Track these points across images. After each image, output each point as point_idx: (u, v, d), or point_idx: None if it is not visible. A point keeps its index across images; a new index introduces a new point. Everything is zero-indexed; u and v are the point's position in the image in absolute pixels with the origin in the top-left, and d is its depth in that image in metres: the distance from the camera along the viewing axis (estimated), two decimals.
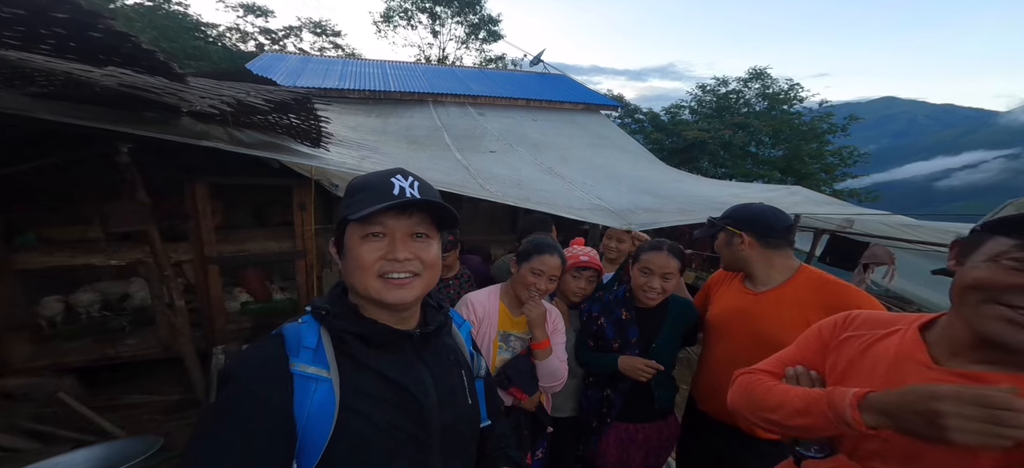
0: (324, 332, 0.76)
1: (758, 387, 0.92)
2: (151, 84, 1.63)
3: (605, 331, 1.66)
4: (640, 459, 1.69)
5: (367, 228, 0.75)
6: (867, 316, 0.90)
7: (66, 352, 3.15)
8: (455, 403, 0.86)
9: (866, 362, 0.83)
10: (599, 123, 7.01)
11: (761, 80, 13.73)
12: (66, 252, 3.27)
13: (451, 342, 0.93)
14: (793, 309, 1.40)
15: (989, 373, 0.67)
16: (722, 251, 1.59)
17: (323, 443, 0.70)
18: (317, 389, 0.71)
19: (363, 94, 6.42)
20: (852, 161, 12.91)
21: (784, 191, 3.92)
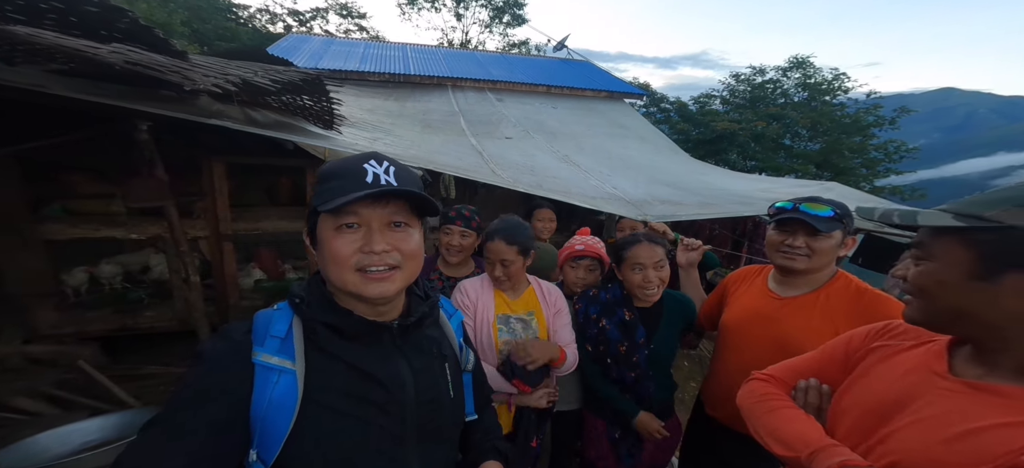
0: (297, 321, 0.73)
1: (765, 401, 0.92)
2: (156, 61, 1.61)
3: (608, 333, 1.57)
4: (647, 455, 1.65)
5: (340, 219, 0.70)
6: (907, 328, 0.84)
7: (89, 321, 3.28)
8: (436, 397, 0.82)
9: (881, 369, 0.81)
10: (621, 112, 6.74)
11: (802, 69, 12.89)
12: (91, 224, 3.39)
13: (435, 334, 0.88)
14: (824, 318, 1.28)
15: (1003, 386, 0.65)
16: (827, 253, 1.31)
17: (282, 436, 0.67)
18: (279, 380, 0.68)
19: (383, 77, 6.40)
20: (898, 156, 12.02)
21: (817, 187, 3.62)
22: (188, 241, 3.30)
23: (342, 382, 0.72)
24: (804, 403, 0.89)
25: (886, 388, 0.76)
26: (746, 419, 0.93)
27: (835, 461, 0.71)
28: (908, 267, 0.76)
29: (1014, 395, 0.62)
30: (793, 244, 1.31)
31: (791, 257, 1.32)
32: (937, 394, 0.69)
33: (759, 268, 1.58)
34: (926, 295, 0.70)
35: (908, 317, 0.75)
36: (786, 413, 0.86)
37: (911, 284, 0.73)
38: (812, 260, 1.30)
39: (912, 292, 0.73)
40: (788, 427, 0.83)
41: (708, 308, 1.66)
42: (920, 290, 0.71)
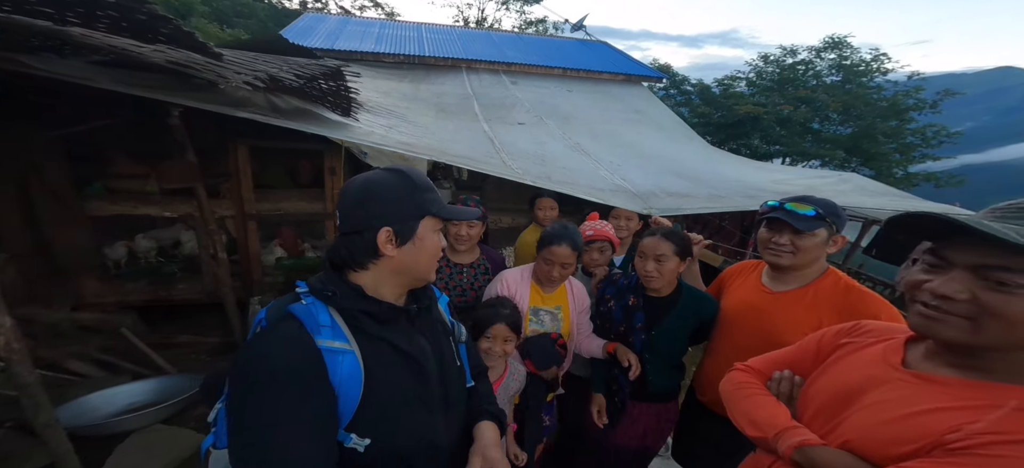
0: (332, 311, 0.82)
1: (742, 388, 1.01)
2: (194, 59, 1.74)
3: (613, 313, 1.70)
4: (637, 436, 1.73)
5: (438, 224, 0.91)
6: (875, 326, 0.92)
7: (128, 292, 3.55)
8: (448, 368, 0.97)
9: (845, 363, 0.88)
10: (638, 96, 6.59)
11: (838, 50, 12.15)
12: (129, 202, 3.64)
13: (438, 314, 1.03)
14: (809, 312, 1.35)
15: (948, 377, 0.72)
16: (812, 251, 1.35)
17: (354, 407, 0.80)
18: (343, 360, 0.79)
19: (398, 58, 6.42)
20: (937, 141, 11.33)
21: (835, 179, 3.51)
22: (215, 220, 3.51)
23: (387, 358, 0.85)
24: (777, 391, 0.97)
25: (847, 379, 0.84)
26: (726, 405, 1.02)
27: (796, 440, 0.81)
28: (958, 284, 0.67)
29: (953, 385, 0.70)
30: (779, 242, 1.37)
31: (777, 254, 1.38)
32: (889, 384, 0.77)
33: (756, 263, 1.63)
34: (1007, 323, 0.64)
35: (949, 337, 0.70)
36: (759, 399, 0.96)
37: (984, 308, 0.65)
38: (796, 257, 1.35)
39: (978, 316, 0.66)
40: (760, 412, 0.93)
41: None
42: (1000, 317, 0.64)
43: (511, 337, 1.44)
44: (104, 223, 3.54)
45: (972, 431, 0.64)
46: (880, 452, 0.72)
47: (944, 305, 0.69)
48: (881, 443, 0.72)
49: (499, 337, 1.42)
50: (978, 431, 0.64)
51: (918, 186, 11.35)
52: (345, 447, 0.80)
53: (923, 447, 0.68)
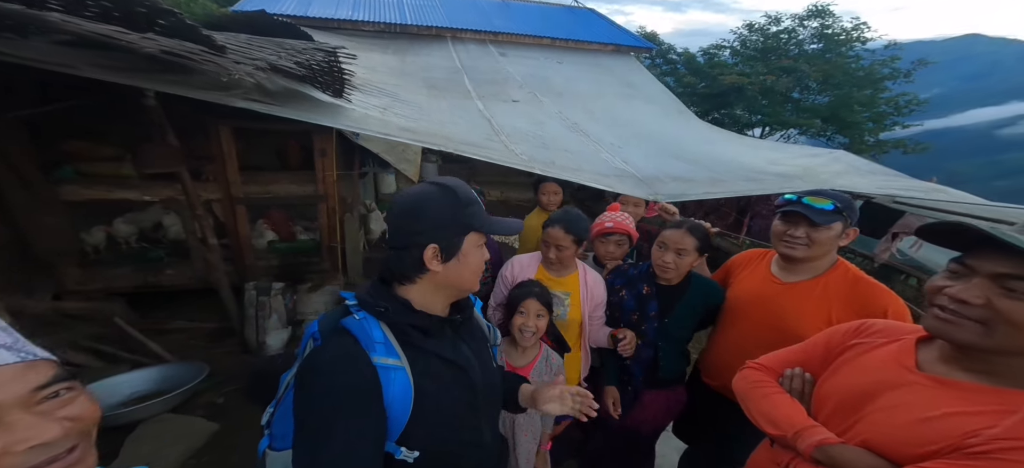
0: (383, 326, 0.85)
1: (759, 387, 1.04)
2: (190, 49, 1.61)
3: (625, 302, 1.73)
4: (647, 421, 1.79)
5: (482, 239, 0.93)
6: (883, 326, 0.96)
7: (113, 278, 3.42)
8: (489, 370, 1.01)
9: (857, 363, 0.92)
10: (628, 67, 6.52)
11: (821, 18, 12.19)
12: (103, 186, 3.45)
13: (477, 321, 1.07)
14: (820, 303, 1.38)
15: (963, 381, 0.75)
16: (826, 244, 1.38)
17: (404, 421, 0.83)
18: (395, 378, 0.82)
19: (378, 27, 6.09)
20: (908, 109, 11.74)
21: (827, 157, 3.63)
22: (202, 203, 3.37)
23: (435, 370, 0.87)
24: (789, 388, 1.01)
25: (862, 379, 0.88)
26: (741, 402, 1.06)
27: (816, 438, 0.85)
28: (977, 290, 0.72)
29: (970, 389, 0.74)
30: (795, 234, 1.39)
31: (792, 246, 1.40)
32: (906, 387, 0.81)
33: (763, 252, 1.67)
34: (1016, 329, 0.69)
35: (963, 340, 0.74)
36: (776, 398, 0.99)
37: (997, 314, 0.70)
38: (811, 249, 1.38)
39: (990, 321, 0.70)
40: (778, 411, 0.96)
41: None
42: (1009, 323, 0.69)
43: (543, 312, 1.49)
44: (80, 208, 3.36)
45: (990, 436, 0.68)
46: (900, 452, 0.76)
47: (960, 309, 0.73)
48: (901, 444, 0.76)
49: (532, 312, 1.48)
50: (995, 436, 0.68)
51: (888, 153, 11.83)
52: (395, 459, 0.83)
53: (942, 449, 0.71)
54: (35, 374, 0.53)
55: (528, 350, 1.55)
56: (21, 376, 0.52)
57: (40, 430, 0.51)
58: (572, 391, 1.04)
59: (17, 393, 0.51)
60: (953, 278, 0.76)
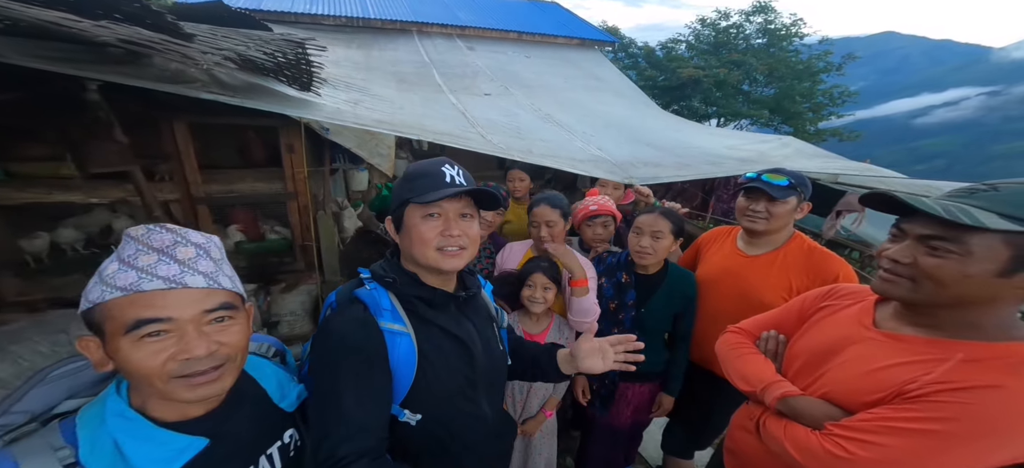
0: (392, 296, 0.91)
1: (736, 349, 1.13)
2: (151, 39, 1.50)
3: (604, 291, 1.74)
4: (629, 415, 1.83)
5: (427, 209, 0.89)
6: (849, 290, 1.05)
7: (60, 287, 3.13)
8: (491, 350, 1.04)
9: (824, 323, 1.00)
10: (595, 62, 6.71)
11: (764, 13, 13.08)
12: (40, 189, 3.13)
13: (483, 301, 1.10)
14: (781, 273, 1.51)
15: (910, 335, 0.83)
16: (783, 216, 1.52)
17: (408, 385, 0.89)
18: (400, 342, 0.88)
19: (339, 21, 5.90)
20: (841, 100, 12.89)
21: (776, 142, 3.98)
22: (160, 204, 3.16)
23: (438, 341, 0.93)
24: (765, 349, 1.11)
25: (826, 338, 0.96)
26: (721, 363, 1.16)
27: (779, 392, 0.94)
28: (907, 250, 0.79)
29: (914, 342, 0.81)
30: (755, 209, 1.53)
31: (753, 220, 1.55)
32: (862, 342, 0.88)
33: (729, 229, 1.79)
34: (939, 283, 0.75)
35: (898, 296, 0.83)
36: (750, 358, 1.09)
37: (920, 270, 0.76)
38: (770, 222, 1.52)
39: (916, 277, 0.78)
40: (749, 368, 1.05)
41: (684, 262, 1.88)
42: (931, 278, 0.75)
43: (550, 285, 1.56)
44: (16, 213, 3.05)
45: (926, 381, 0.75)
46: (852, 400, 0.84)
47: (894, 268, 0.81)
48: (854, 393, 0.84)
49: (539, 284, 1.55)
50: (930, 381, 0.74)
51: (826, 140, 12.92)
52: (399, 421, 0.90)
53: (887, 396, 0.79)
54: (210, 298, 0.70)
55: (540, 318, 1.64)
56: (201, 299, 0.69)
57: (196, 344, 0.68)
58: (612, 341, 1.06)
59: (195, 311, 0.68)
60: (892, 241, 0.84)
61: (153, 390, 0.68)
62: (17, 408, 0.67)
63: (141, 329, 0.64)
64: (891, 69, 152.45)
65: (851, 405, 0.84)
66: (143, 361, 0.65)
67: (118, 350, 0.65)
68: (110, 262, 0.67)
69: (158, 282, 0.65)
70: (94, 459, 0.65)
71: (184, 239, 0.70)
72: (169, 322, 0.66)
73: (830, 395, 0.87)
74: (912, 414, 0.74)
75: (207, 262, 0.71)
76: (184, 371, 0.67)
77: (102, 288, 0.64)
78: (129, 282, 0.64)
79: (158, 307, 0.65)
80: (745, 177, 1.60)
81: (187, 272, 0.68)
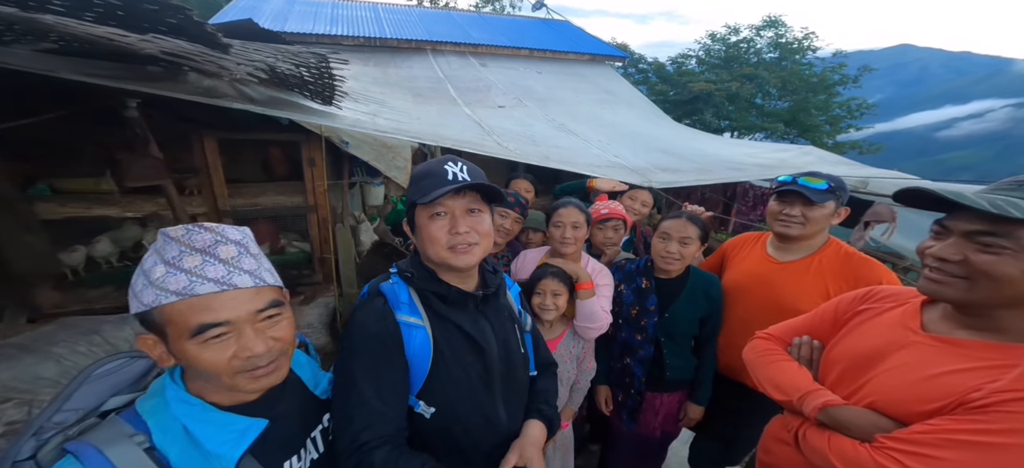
0: (411, 290, 0.94)
1: (766, 355, 1.06)
2: (190, 51, 1.60)
3: (624, 297, 1.71)
4: (658, 425, 1.77)
5: (432, 209, 0.90)
6: (888, 292, 0.98)
7: (93, 299, 3.25)
8: (510, 352, 1.02)
9: (865, 328, 0.94)
10: (606, 76, 6.79)
11: (775, 28, 13.09)
12: (81, 203, 3.30)
13: (505, 301, 1.08)
14: (817, 280, 1.43)
15: (966, 339, 0.77)
16: (820, 221, 1.44)
17: (424, 376, 0.90)
18: (416, 334, 0.90)
19: (357, 41, 6.13)
20: (859, 113, 12.68)
21: (797, 151, 3.91)
22: (188, 218, 3.28)
23: (453, 337, 0.93)
24: (798, 356, 1.03)
25: (868, 343, 0.89)
26: (750, 370, 1.08)
27: (820, 400, 0.87)
28: (955, 247, 0.74)
29: (972, 346, 0.75)
30: (790, 213, 1.45)
31: (788, 224, 1.46)
32: (910, 347, 0.82)
33: (757, 235, 1.73)
34: (997, 281, 0.70)
35: (951, 297, 0.77)
36: (783, 365, 1.02)
37: (974, 269, 0.72)
38: (806, 227, 1.44)
39: (971, 275, 0.73)
40: (783, 376, 0.98)
41: (706, 268, 1.81)
42: (987, 276, 0.71)
43: (560, 291, 1.52)
44: (57, 227, 3.20)
45: (992, 390, 0.69)
46: (905, 410, 0.77)
47: (943, 267, 0.76)
48: (906, 402, 0.77)
49: (548, 291, 1.51)
50: (998, 389, 0.68)
51: (846, 154, 12.69)
52: (415, 412, 0.91)
53: (946, 405, 0.72)
54: (260, 298, 0.73)
55: (554, 325, 1.59)
56: (252, 299, 0.72)
57: (255, 343, 0.71)
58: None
59: (248, 311, 0.71)
60: (936, 238, 0.79)
61: (220, 383, 0.72)
62: (68, 406, 0.70)
63: (206, 333, 0.67)
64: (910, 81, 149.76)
65: (902, 415, 0.77)
66: (212, 360, 0.69)
67: (185, 351, 0.68)
68: (154, 264, 0.68)
69: (210, 285, 0.67)
70: (167, 443, 0.69)
71: (223, 237, 0.72)
72: (228, 325, 0.69)
73: (877, 404, 0.81)
74: (979, 426, 0.68)
75: (249, 260, 0.73)
76: (247, 367, 0.72)
77: (155, 292, 0.66)
78: (181, 286, 0.66)
79: (215, 310, 0.68)
80: (778, 180, 1.53)
81: (234, 272, 0.70)
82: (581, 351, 1.65)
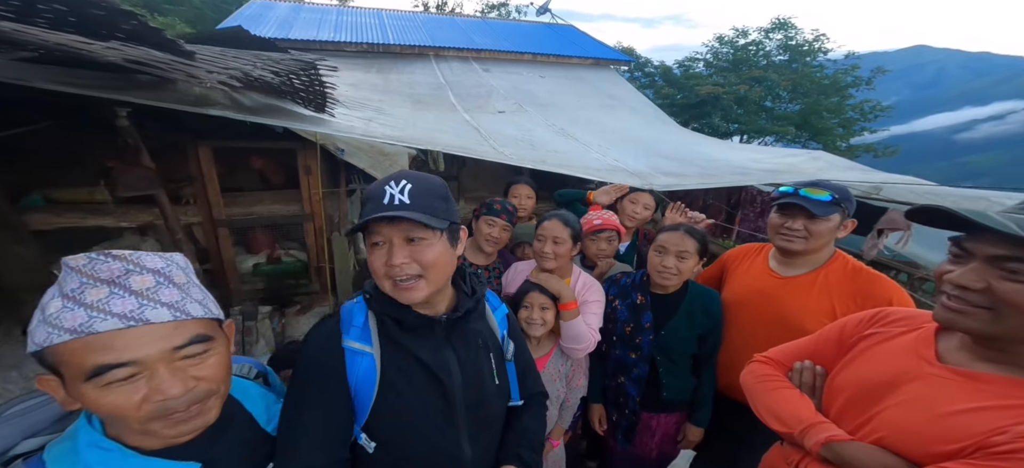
0: (371, 313, 0.86)
1: (765, 382, 0.99)
2: (158, 58, 1.55)
3: (618, 313, 1.62)
4: (654, 447, 1.68)
5: (370, 238, 0.81)
6: (899, 315, 0.90)
7: None
8: (481, 384, 0.92)
9: (873, 353, 0.86)
10: (609, 80, 6.70)
11: (784, 30, 12.87)
12: (76, 214, 3.29)
13: (480, 327, 0.96)
14: (821, 296, 1.34)
15: (988, 373, 0.69)
16: (824, 236, 1.35)
17: (368, 406, 0.83)
18: (362, 362, 0.83)
19: (360, 47, 6.14)
20: (873, 115, 12.36)
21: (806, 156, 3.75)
22: (182, 228, 3.25)
23: (406, 366, 0.85)
24: (800, 382, 0.95)
25: (877, 371, 0.82)
26: (748, 397, 1.01)
27: (823, 436, 0.79)
28: (976, 274, 0.67)
29: (995, 382, 0.68)
30: (792, 227, 1.35)
31: (789, 239, 1.36)
32: (924, 379, 0.75)
33: (759, 246, 1.62)
34: (1021, 313, 0.64)
35: (972, 329, 0.69)
36: (783, 393, 0.94)
37: (999, 299, 0.65)
38: (809, 242, 1.34)
39: (996, 306, 0.66)
40: (783, 406, 0.91)
41: (705, 280, 1.72)
42: (1013, 307, 0.64)
43: (548, 305, 1.45)
44: (51, 238, 3.19)
45: (1019, 432, 0.62)
46: (918, 450, 0.70)
47: (964, 296, 0.69)
48: (919, 441, 0.70)
49: (536, 305, 1.45)
50: None
51: (859, 157, 12.36)
52: (358, 444, 0.84)
53: (966, 448, 0.65)
54: (179, 333, 0.64)
55: (542, 342, 1.52)
56: (168, 335, 0.63)
57: (170, 385, 0.62)
58: None
59: (162, 349, 0.62)
60: (954, 262, 0.72)
61: (131, 429, 0.64)
62: None
63: (104, 376, 0.58)
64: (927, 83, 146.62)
65: (915, 455, 0.70)
66: (114, 406, 0.60)
67: (82, 396, 0.59)
68: (52, 298, 0.60)
69: (113, 320, 0.58)
70: None
71: (138, 266, 0.63)
72: (134, 365, 0.60)
73: (886, 441, 0.74)
74: None
75: (170, 290, 0.64)
76: (162, 412, 0.63)
77: (47, 330, 0.57)
78: (78, 323, 0.57)
79: (118, 350, 0.59)
80: (779, 191, 1.43)
81: (147, 305, 0.61)
82: (570, 369, 1.57)
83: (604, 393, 1.72)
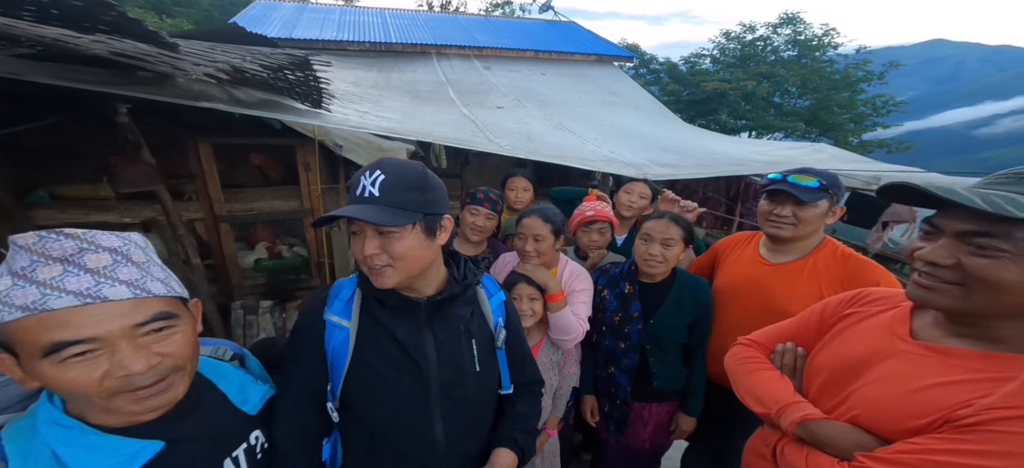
0: (357, 290, 0.91)
1: (746, 363, 1.00)
2: (144, 51, 1.56)
3: (607, 303, 1.61)
4: (647, 437, 1.67)
5: (351, 225, 0.83)
6: (878, 295, 0.89)
7: None
8: (459, 368, 0.92)
9: (850, 333, 0.86)
10: (612, 76, 6.64)
11: (792, 25, 12.65)
12: (80, 210, 3.34)
13: (465, 312, 0.96)
14: (810, 282, 1.34)
15: (958, 348, 0.70)
16: (813, 222, 1.36)
17: (340, 378, 0.87)
18: (337, 334, 0.87)
19: (363, 46, 6.18)
20: (886, 110, 12.09)
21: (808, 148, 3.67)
22: (184, 224, 3.28)
23: (382, 344, 0.88)
24: (781, 364, 0.96)
25: (854, 350, 0.82)
26: (731, 379, 1.02)
27: (798, 415, 0.81)
28: (946, 250, 0.67)
29: (965, 356, 0.68)
30: (781, 213, 1.36)
31: (778, 225, 1.38)
32: (898, 356, 0.75)
33: (751, 235, 1.61)
34: (994, 289, 0.63)
35: (943, 305, 0.69)
36: (763, 374, 0.94)
37: (968, 274, 0.64)
38: (798, 228, 1.35)
39: (965, 281, 0.65)
40: (763, 387, 0.92)
41: (697, 269, 1.72)
42: (983, 282, 0.63)
43: (536, 295, 1.44)
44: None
45: (983, 405, 0.62)
46: (890, 426, 0.70)
47: (934, 272, 0.69)
48: (890, 417, 0.71)
49: (524, 295, 1.44)
50: (989, 405, 0.61)
51: (872, 152, 12.09)
52: (327, 412, 0.90)
53: (933, 422, 0.65)
54: (140, 311, 0.63)
55: (532, 332, 1.50)
56: (129, 312, 0.62)
57: (132, 361, 0.62)
58: None
59: (122, 326, 0.62)
60: (925, 239, 0.72)
61: (93, 406, 0.64)
62: None
63: (62, 352, 0.57)
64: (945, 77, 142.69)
65: (887, 432, 0.71)
66: (74, 381, 0.59)
67: (39, 373, 0.58)
68: (0, 276, 0.59)
69: (69, 298, 0.57)
70: None
71: (93, 245, 0.62)
72: (93, 341, 0.59)
73: (860, 418, 0.74)
74: (965, 446, 0.61)
75: (129, 268, 0.63)
76: (124, 387, 0.62)
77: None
78: (31, 300, 0.56)
79: (75, 327, 0.58)
80: (768, 178, 1.44)
81: (104, 283, 0.60)
82: (561, 357, 1.57)
83: (596, 384, 1.71)
